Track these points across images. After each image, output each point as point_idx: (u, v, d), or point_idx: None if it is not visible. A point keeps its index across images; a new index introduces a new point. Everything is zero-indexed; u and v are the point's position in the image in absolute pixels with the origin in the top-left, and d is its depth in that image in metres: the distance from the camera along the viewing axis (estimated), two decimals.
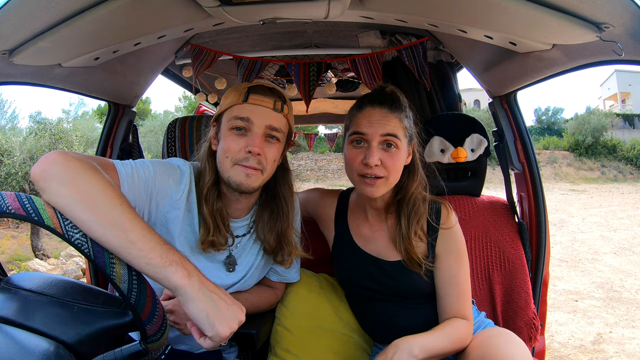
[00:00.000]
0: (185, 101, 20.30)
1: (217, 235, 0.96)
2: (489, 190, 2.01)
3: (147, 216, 0.93)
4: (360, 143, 1.03)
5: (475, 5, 0.96)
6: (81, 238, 0.57)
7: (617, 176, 18.49)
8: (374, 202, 1.11)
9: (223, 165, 0.96)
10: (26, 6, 0.83)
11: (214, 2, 0.94)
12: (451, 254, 1.07)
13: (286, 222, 1.06)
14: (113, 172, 0.84)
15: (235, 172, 0.95)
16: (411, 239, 1.06)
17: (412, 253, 1.05)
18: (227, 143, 0.95)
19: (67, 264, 5.38)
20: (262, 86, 0.99)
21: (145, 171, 0.89)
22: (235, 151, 0.94)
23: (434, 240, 1.08)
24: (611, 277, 4.63)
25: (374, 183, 1.01)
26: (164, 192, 0.92)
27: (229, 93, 1.00)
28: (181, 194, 0.95)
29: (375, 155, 0.99)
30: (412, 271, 1.07)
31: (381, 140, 1.01)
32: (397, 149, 1.02)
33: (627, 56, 0.87)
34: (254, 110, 0.95)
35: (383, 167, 1.00)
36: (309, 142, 6.26)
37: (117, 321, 0.64)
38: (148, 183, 0.89)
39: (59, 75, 1.20)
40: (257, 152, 0.93)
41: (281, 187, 1.09)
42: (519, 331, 1.32)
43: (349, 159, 1.05)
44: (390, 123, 1.01)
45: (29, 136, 7.01)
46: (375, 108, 1.03)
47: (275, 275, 1.18)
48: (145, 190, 0.88)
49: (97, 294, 0.67)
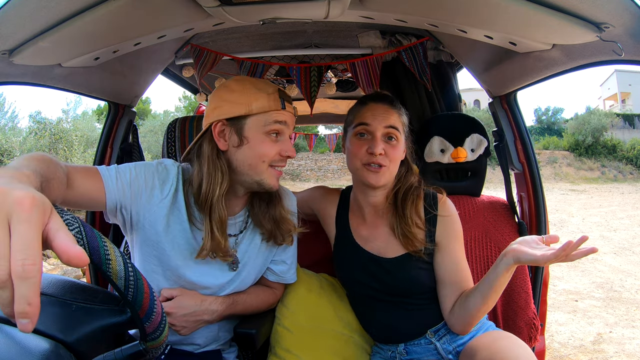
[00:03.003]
0: (185, 101, 20.31)
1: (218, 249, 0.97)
2: (489, 190, 2.01)
3: (135, 216, 0.95)
4: (364, 135, 1.10)
5: (475, 5, 0.96)
6: (76, 235, 0.57)
7: (617, 176, 18.49)
8: (373, 196, 1.13)
9: (256, 168, 0.97)
10: (26, 6, 0.83)
11: (214, 2, 0.94)
12: (453, 239, 1.10)
13: (280, 205, 1.09)
14: (96, 176, 0.87)
15: (269, 174, 0.98)
16: (408, 220, 1.08)
17: (410, 235, 1.07)
18: (265, 147, 0.96)
19: None
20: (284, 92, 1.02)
21: (128, 173, 0.92)
22: (271, 155, 0.97)
23: (432, 226, 1.10)
24: (611, 277, 4.63)
25: (379, 171, 1.07)
26: (149, 192, 0.94)
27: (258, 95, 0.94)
28: (167, 193, 0.96)
29: (379, 145, 1.06)
30: (412, 267, 1.08)
31: (384, 132, 1.08)
32: (398, 141, 1.09)
33: (627, 56, 0.87)
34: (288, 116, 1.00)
35: (386, 156, 1.06)
36: (309, 142, 6.25)
37: (116, 319, 0.64)
38: (132, 184, 0.92)
39: (59, 75, 1.20)
40: (292, 155, 1.00)
41: None
42: (519, 331, 1.32)
43: (352, 149, 1.11)
44: (392, 117, 1.10)
45: (28, 136, 7.03)
46: (378, 104, 1.12)
47: (273, 275, 1.18)
48: (130, 190, 0.92)
49: (95, 292, 0.67)
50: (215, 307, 1.03)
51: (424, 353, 1.10)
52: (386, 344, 1.17)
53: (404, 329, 1.12)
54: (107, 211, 0.92)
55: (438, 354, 1.09)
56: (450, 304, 1.07)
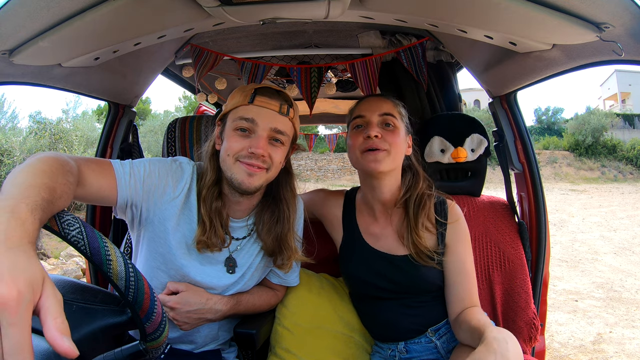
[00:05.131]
0: (185, 101, 20.29)
1: (212, 236, 0.96)
2: (489, 190, 2.01)
3: (145, 212, 0.94)
4: (361, 127, 1.12)
5: (475, 5, 0.96)
6: (77, 235, 0.57)
7: (617, 176, 18.48)
8: (380, 191, 1.13)
9: (225, 163, 0.96)
10: (26, 6, 0.83)
11: (214, 2, 0.94)
12: (460, 242, 1.11)
13: (287, 226, 1.06)
14: (109, 173, 0.86)
15: (237, 169, 0.94)
16: (419, 231, 1.08)
17: (419, 245, 1.08)
18: (230, 143, 0.95)
19: (67, 263, 5.38)
20: (269, 88, 0.99)
21: (142, 170, 0.92)
22: (237, 150, 0.94)
23: (444, 230, 1.11)
24: (611, 277, 4.63)
25: (377, 154, 1.06)
26: (162, 189, 0.94)
27: (236, 93, 1.00)
28: (180, 192, 0.96)
29: (374, 128, 1.07)
30: (422, 264, 1.09)
31: (379, 119, 1.10)
32: (395, 127, 1.10)
33: (627, 56, 0.87)
34: (259, 112, 0.95)
35: (384, 140, 1.07)
36: (309, 143, 6.25)
37: (116, 319, 0.64)
38: (145, 181, 0.91)
39: (59, 75, 1.20)
40: (261, 153, 0.93)
41: (284, 189, 1.08)
42: (519, 331, 1.32)
43: (351, 142, 1.13)
44: (386, 104, 1.13)
45: (28, 136, 7.03)
46: (372, 97, 1.18)
47: (276, 277, 1.18)
48: (142, 187, 0.91)
49: (96, 292, 0.67)
50: (219, 307, 1.03)
51: (424, 352, 1.11)
52: (387, 343, 1.17)
53: (406, 327, 1.12)
54: (116, 207, 0.92)
55: (438, 352, 1.09)
56: (455, 312, 1.06)
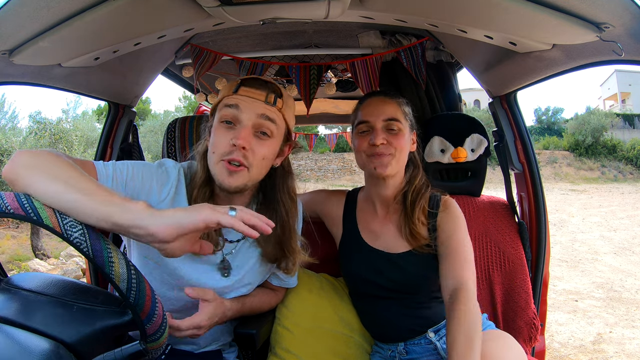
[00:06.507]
0: (185, 101, 20.28)
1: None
2: (489, 190, 2.01)
3: None
4: (366, 132, 1.12)
5: (475, 5, 0.96)
6: (80, 237, 0.57)
7: (617, 176, 18.48)
8: (384, 188, 1.14)
9: (210, 161, 0.92)
10: (26, 6, 0.83)
11: (214, 2, 0.94)
12: (450, 222, 1.09)
13: (288, 232, 1.01)
14: (92, 173, 0.82)
15: (219, 168, 0.89)
16: (415, 219, 1.09)
17: (416, 234, 1.09)
18: (215, 137, 0.91)
19: (67, 264, 5.38)
20: (256, 78, 0.95)
21: (125, 173, 0.87)
22: (221, 145, 0.89)
23: (435, 219, 1.11)
24: (611, 277, 4.63)
25: (383, 159, 1.07)
26: (145, 193, 0.89)
27: (224, 87, 0.98)
28: (165, 195, 0.92)
29: (380, 135, 1.08)
30: (421, 262, 1.09)
31: (384, 125, 1.09)
32: (400, 131, 1.10)
33: (627, 56, 0.87)
34: (243, 100, 0.91)
35: (390, 145, 1.08)
36: (309, 142, 6.26)
37: (117, 320, 0.63)
38: (127, 184, 0.87)
39: (59, 75, 1.20)
40: (241, 144, 0.86)
41: (280, 192, 1.02)
42: (519, 331, 1.32)
43: (357, 146, 1.14)
44: (390, 107, 1.11)
45: (29, 136, 7.02)
46: (374, 97, 1.16)
47: (277, 280, 1.17)
48: (124, 191, 0.86)
49: (97, 293, 0.67)
50: (230, 313, 1.01)
51: (424, 353, 1.11)
52: (386, 343, 1.17)
53: (406, 327, 1.12)
54: None
55: (438, 354, 1.09)
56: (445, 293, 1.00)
